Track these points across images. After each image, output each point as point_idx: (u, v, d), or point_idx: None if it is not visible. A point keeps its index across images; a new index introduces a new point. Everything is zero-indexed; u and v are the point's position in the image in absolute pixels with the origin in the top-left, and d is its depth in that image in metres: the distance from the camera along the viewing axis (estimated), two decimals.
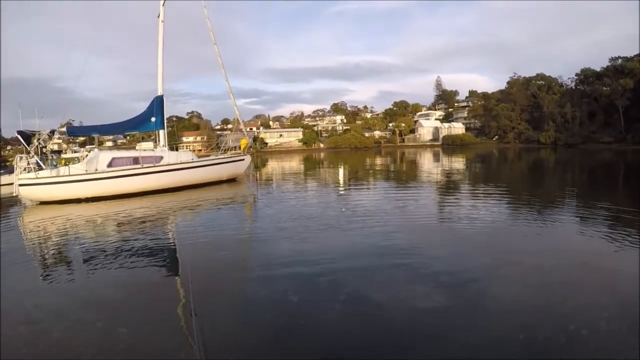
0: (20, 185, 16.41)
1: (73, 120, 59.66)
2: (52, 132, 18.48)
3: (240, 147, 24.92)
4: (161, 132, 21.22)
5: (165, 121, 21.24)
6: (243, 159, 23.62)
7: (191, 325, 4.92)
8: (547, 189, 18.44)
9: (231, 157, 23.45)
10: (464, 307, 5.37)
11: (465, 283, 6.23)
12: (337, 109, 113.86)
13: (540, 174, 25.49)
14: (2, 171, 24.86)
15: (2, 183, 20.30)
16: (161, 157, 19.86)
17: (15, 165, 16.99)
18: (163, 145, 21.13)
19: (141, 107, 21.08)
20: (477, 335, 4.59)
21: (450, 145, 67.10)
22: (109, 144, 62.87)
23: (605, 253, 7.46)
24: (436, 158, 43.29)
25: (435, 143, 73.85)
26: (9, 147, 51.79)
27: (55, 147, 20.96)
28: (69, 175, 17.14)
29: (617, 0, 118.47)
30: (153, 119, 20.50)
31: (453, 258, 7.64)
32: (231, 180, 22.89)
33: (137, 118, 20.79)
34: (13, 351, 4.64)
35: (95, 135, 21.75)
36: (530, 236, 8.95)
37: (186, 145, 70.17)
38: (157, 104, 20.63)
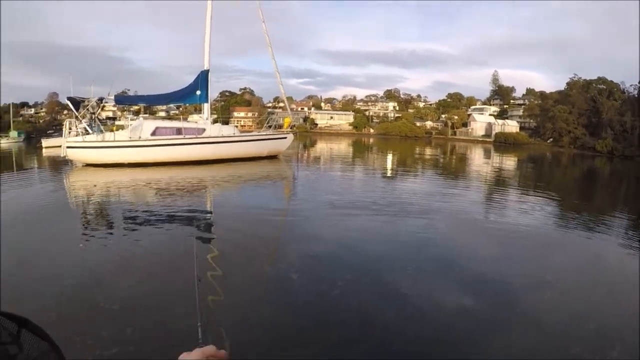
0: (68, 147, 17.04)
1: (128, 90, 62.35)
2: (101, 99, 18.95)
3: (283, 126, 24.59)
4: (205, 105, 21.24)
5: (209, 95, 21.24)
6: (285, 137, 23.18)
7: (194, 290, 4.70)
8: (597, 201, 16.41)
9: (273, 134, 23.11)
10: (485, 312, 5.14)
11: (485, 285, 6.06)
12: (389, 95, 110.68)
13: (593, 185, 22.95)
14: (56, 134, 26.19)
15: (54, 145, 21.28)
16: (204, 130, 19.92)
17: (64, 129, 17.62)
18: (207, 118, 21.21)
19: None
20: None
21: (502, 143, 63.01)
22: (162, 114, 65.11)
23: None
24: (487, 155, 41.02)
25: (487, 139, 69.71)
26: (65, 112, 54.81)
27: (110, 114, 21.69)
28: (114, 141, 17.56)
29: None
30: (198, 92, 20.53)
31: (479, 255, 7.54)
32: (272, 157, 22.65)
33: (183, 90, 20.89)
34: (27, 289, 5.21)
35: (147, 105, 22.23)
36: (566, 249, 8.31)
37: (237, 120, 71.38)
38: (203, 78, 20.58)
